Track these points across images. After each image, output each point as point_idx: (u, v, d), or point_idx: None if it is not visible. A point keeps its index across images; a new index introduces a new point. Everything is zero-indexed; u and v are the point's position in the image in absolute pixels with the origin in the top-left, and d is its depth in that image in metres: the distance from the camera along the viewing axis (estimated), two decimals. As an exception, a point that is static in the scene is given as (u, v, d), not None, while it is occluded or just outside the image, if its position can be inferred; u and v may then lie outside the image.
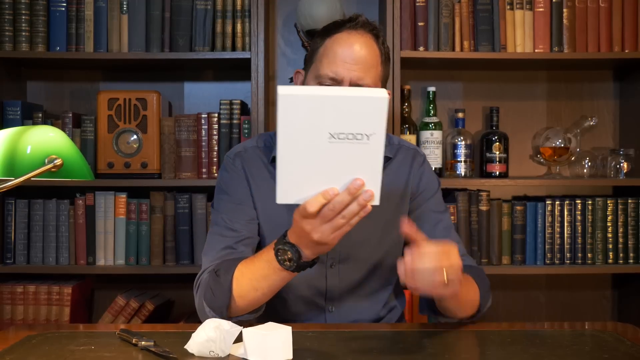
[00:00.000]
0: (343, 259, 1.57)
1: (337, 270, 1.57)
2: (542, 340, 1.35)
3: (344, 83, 1.46)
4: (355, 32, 1.50)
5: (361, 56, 1.47)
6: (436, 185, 1.67)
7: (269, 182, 1.57)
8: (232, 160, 1.61)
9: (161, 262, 2.45)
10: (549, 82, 2.72)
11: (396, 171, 1.63)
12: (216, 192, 1.61)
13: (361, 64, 1.47)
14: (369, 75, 1.48)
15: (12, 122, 2.39)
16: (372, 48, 1.50)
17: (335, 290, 1.56)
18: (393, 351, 1.28)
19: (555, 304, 2.74)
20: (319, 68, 1.49)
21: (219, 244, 1.52)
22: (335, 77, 1.47)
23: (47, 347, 1.29)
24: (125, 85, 2.64)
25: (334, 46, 1.49)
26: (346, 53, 1.47)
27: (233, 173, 1.59)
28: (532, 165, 2.68)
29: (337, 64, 1.47)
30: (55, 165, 1.39)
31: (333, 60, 1.47)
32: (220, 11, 2.41)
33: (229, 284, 1.38)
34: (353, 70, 1.46)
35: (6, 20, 2.39)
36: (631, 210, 2.49)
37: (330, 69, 1.47)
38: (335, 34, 1.50)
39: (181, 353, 1.23)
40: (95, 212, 2.44)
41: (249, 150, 1.61)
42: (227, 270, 1.40)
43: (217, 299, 1.39)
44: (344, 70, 1.46)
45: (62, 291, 2.43)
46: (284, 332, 1.20)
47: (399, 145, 1.67)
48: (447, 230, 1.61)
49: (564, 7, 2.44)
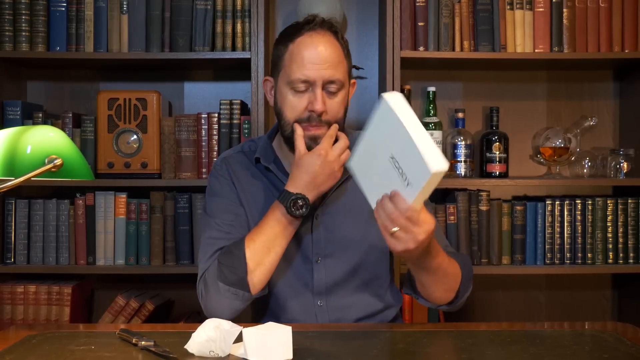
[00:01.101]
0: (328, 254, 1.60)
1: (322, 264, 1.60)
2: (542, 340, 1.35)
3: (317, 82, 1.52)
4: (315, 32, 1.55)
5: (328, 55, 1.53)
6: None
7: (252, 182, 1.64)
8: (219, 165, 1.68)
9: (161, 262, 2.45)
10: (549, 82, 2.72)
11: None
12: (207, 196, 1.67)
13: (329, 62, 1.53)
14: (339, 71, 1.54)
15: (12, 122, 2.39)
16: (335, 45, 1.56)
17: (321, 284, 1.59)
18: (393, 351, 1.29)
19: (555, 304, 2.74)
20: (289, 74, 1.54)
21: (213, 247, 1.55)
22: (308, 80, 1.52)
23: (47, 347, 1.29)
24: (125, 85, 2.64)
25: (300, 50, 1.54)
26: (313, 54, 1.52)
27: (221, 177, 1.65)
28: (532, 165, 2.68)
29: (306, 67, 1.52)
30: (55, 165, 1.39)
31: (302, 63, 1.52)
32: (220, 11, 2.41)
33: (243, 253, 1.48)
34: (323, 69, 1.52)
35: (6, 20, 2.39)
36: (631, 210, 2.49)
37: (301, 72, 1.52)
38: (297, 38, 1.55)
39: (181, 353, 1.23)
40: (95, 212, 2.44)
41: (234, 156, 1.69)
42: (237, 245, 1.50)
43: (236, 271, 1.48)
44: (314, 71, 1.52)
45: (62, 291, 2.43)
46: (284, 332, 1.20)
47: None
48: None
49: (564, 7, 2.44)
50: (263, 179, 1.64)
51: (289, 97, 1.55)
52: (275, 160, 1.64)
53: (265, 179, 1.64)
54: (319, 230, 1.60)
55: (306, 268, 1.60)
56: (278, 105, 1.59)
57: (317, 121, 1.53)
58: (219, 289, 1.48)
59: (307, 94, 1.54)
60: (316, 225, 1.60)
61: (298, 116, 1.54)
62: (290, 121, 1.55)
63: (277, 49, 1.61)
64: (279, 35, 1.64)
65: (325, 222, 1.61)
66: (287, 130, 1.57)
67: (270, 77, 1.64)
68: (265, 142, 1.67)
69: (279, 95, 1.59)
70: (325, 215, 1.61)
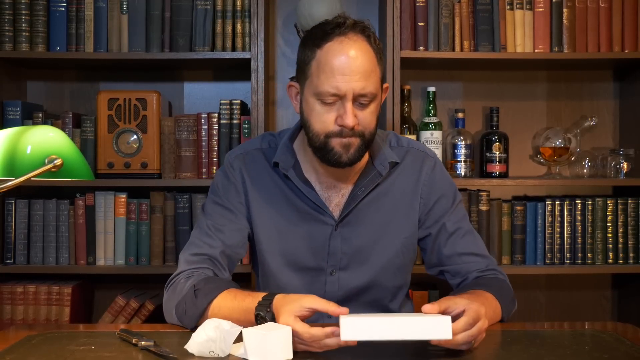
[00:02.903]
0: (344, 267, 1.56)
1: (336, 278, 1.56)
2: (542, 340, 1.35)
3: (347, 96, 1.41)
4: (346, 38, 1.43)
5: (359, 65, 1.41)
6: (450, 191, 1.62)
7: (268, 187, 1.56)
8: (231, 163, 1.59)
9: (161, 262, 2.45)
10: (549, 82, 2.72)
11: (403, 177, 1.59)
12: (210, 192, 1.60)
13: (361, 72, 1.41)
14: (370, 81, 1.42)
15: (12, 122, 2.39)
16: (367, 52, 1.44)
17: (334, 297, 1.53)
18: (393, 351, 1.28)
19: (555, 304, 2.74)
20: (317, 85, 1.43)
21: (199, 248, 1.52)
22: (338, 93, 1.41)
23: (47, 347, 1.29)
24: (125, 85, 2.64)
25: (329, 59, 1.42)
26: (344, 65, 1.40)
27: (230, 178, 1.57)
28: (532, 165, 2.68)
29: (336, 79, 1.40)
30: (55, 165, 1.39)
31: (331, 74, 1.41)
32: (220, 11, 2.41)
33: (204, 309, 1.39)
34: (354, 81, 1.40)
35: (6, 20, 2.39)
36: (631, 210, 2.49)
37: (330, 84, 1.41)
38: (326, 44, 1.43)
39: (181, 353, 1.23)
40: (95, 212, 2.44)
41: (251, 154, 1.59)
42: (207, 295, 1.40)
43: (188, 318, 1.41)
44: (345, 83, 1.40)
45: (62, 291, 2.43)
46: (284, 332, 1.20)
47: (407, 147, 1.62)
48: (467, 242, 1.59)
49: (564, 7, 2.44)
50: (280, 182, 1.56)
51: (317, 109, 1.44)
52: (295, 166, 1.54)
53: (282, 183, 1.56)
54: (337, 241, 1.55)
55: (319, 280, 1.56)
56: (305, 116, 1.48)
57: (349, 134, 1.43)
58: (173, 312, 1.44)
59: (336, 106, 1.43)
60: (335, 237, 1.54)
61: (328, 129, 1.44)
62: (319, 134, 1.45)
63: (304, 53, 1.48)
64: (306, 35, 1.52)
65: (344, 233, 1.55)
66: (317, 143, 1.46)
67: (296, 83, 1.52)
68: (285, 144, 1.56)
69: (306, 105, 1.47)
70: (344, 226, 1.55)
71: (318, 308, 1.25)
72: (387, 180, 1.57)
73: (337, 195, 1.56)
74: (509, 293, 1.53)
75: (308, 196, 1.53)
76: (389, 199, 1.58)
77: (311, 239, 1.55)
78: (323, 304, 1.25)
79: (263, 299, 1.32)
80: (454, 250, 1.58)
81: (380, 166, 1.54)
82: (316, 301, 1.26)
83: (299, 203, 1.55)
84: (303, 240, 1.55)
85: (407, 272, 1.65)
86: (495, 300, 1.46)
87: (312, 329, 1.22)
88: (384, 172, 1.55)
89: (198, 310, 1.39)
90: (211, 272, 1.49)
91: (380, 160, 1.55)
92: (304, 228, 1.55)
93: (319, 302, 1.26)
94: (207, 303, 1.39)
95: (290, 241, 1.56)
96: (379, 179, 1.55)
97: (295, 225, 1.55)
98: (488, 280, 1.54)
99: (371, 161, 1.56)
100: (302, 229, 1.55)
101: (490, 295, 1.45)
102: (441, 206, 1.60)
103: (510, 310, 1.53)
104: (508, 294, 1.53)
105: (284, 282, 1.56)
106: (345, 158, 1.45)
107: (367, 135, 1.46)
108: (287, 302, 1.27)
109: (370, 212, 1.56)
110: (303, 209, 1.55)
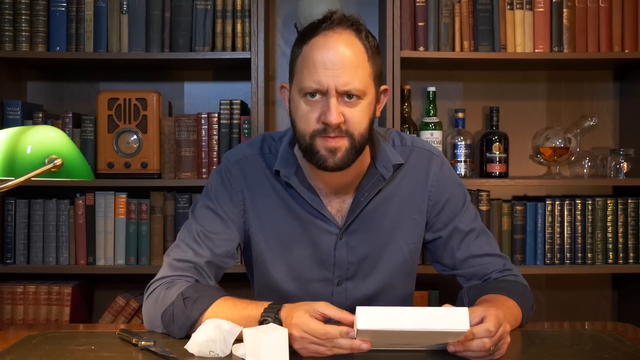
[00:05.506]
0: (350, 276, 1.50)
1: (343, 288, 1.50)
2: (542, 340, 1.35)
3: (330, 91, 1.32)
4: (332, 32, 1.35)
5: (343, 58, 1.33)
6: (460, 192, 1.54)
7: (268, 195, 1.48)
8: (229, 168, 1.50)
9: (161, 262, 2.44)
10: (549, 82, 2.72)
11: (409, 178, 1.51)
12: (203, 194, 1.52)
13: (345, 66, 1.33)
14: (356, 77, 1.33)
15: (12, 122, 2.39)
16: (354, 45, 1.35)
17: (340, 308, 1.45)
18: (393, 352, 1.28)
19: (555, 304, 2.74)
20: (300, 80, 1.36)
21: (185, 254, 1.45)
22: (320, 88, 1.33)
23: (47, 347, 1.29)
24: (125, 85, 2.64)
25: (312, 53, 1.34)
26: (326, 58, 1.32)
27: (226, 184, 1.49)
28: (532, 165, 2.68)
29: (318, 73, 1.32)
30: (55, 165, 1.39)
31: (313, 68, 1.33)
32: (220, 11, 2.41)
33: (195, 319, 1.32)
34: (337, 75, 1.32)
35: (6, 20, 2.39)
36: (631, 210, 2.49)
37: (312, 79, 1.33)
38: (312, 39, 1.36)
39: (181, 353, 1.23)
40: (95, 212, 2.44)
41: (251, 159, 1.50)
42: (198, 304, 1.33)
43: (177, 328, 1.34)
44: (327, 77, 1.32)
45: (62, 291, 2.43)
46: (280, 335, 1.17)
47: (412, 146, 1.53)
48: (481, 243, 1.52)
49: (564, 7, 2.44)
50: (281, 190, 1.48)
51: (302, 107, 1.36)
52: (297, 172, 1.46)
53: (283, 191, 1.48)
54: (343, 251, 1.48)
55: (326, 291, 1.49)
56: (292, 116, 1.40)
57: (335, 132, 1.34)
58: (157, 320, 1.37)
59: (320, 104, 1.34)
60: (340, 247, 1.48)
61: (311, 128, 1.35)
62: (305, 134, 1.36)
63: (292, 52, 1.41)
64: (298, 34, 1.45)
65: (350, 242, 1.48)
66: (304, 144, 1.38)
67: (287, 84, 1.45)
68: (285, 149, 1.47)
69: (292, 104, 1.40)
70: (349, 235, 1.48)
71: (331, 315, 1.21)
72: (391, 182, 1.49)
73: (339, 201, 1.49)
74: (529, 300, 1.49)
75: (311, 204, 1.46)
76: (394, 202, 1.50)
77: (316, 249, 1.48)
78: (336, 312, 1.21)
79: (270, 306, 1.27)
80: (468, 253, 1.51)
81: (383, 169, 1.46)
82: (329, 308, 1.22)
83: (301, 212, 1.47)
84: (307, 251, 1.49)
85: (414, 277, 1.60)
86: (517, 308, 1.42)
87: (327, 326, 1.18)
88: (387, 176, 1.46)
89: (190, 321, 1.32)
90: (194, 281, 1.42)
91: (382, 162, 1.46)
92: (308, 238, 1.48)
93: (332, 309, 1.22)
94: (199, 313, 1.32)
95: (294, 252, 1.49)
96: (382, 183, 1.47)
97: (299, 236, 1.48)
98: (511, 284, 1.48)
99: (373, 162, 1.48)
100: (306, 239, 1.48)
101: (512, 303, 1.40)
102: (451, 208, 1.52)
103: (530, 312, 1.48)
104: (529, 301, 1.48)
105: (289, 293, 1.50)
106: (332, 162, 1.36)
107: (356, 137, 1.36)
108: (299, 305, 1.24)
109: (375, 218, 1.48)
110: (306, 218, 1.47)
